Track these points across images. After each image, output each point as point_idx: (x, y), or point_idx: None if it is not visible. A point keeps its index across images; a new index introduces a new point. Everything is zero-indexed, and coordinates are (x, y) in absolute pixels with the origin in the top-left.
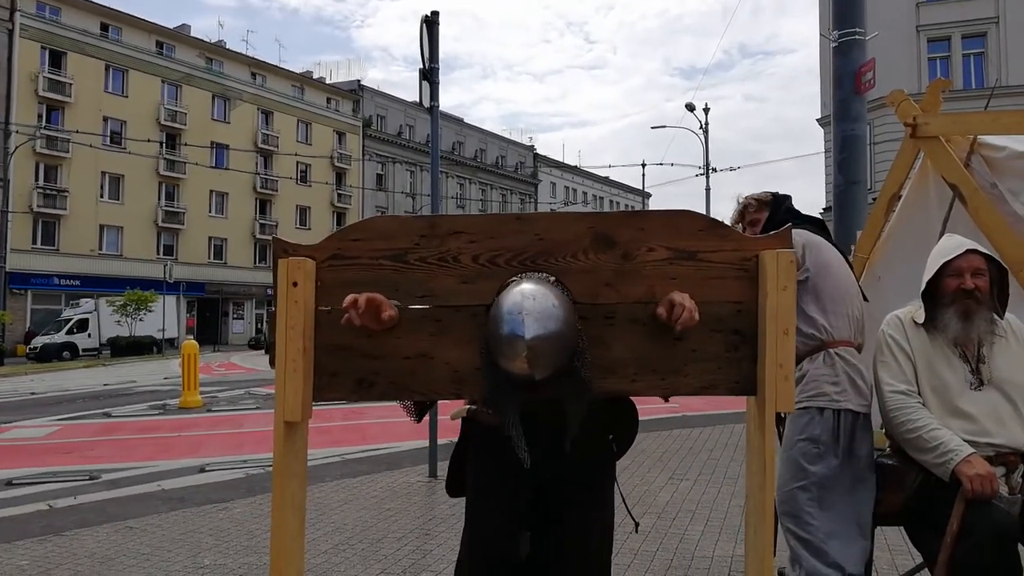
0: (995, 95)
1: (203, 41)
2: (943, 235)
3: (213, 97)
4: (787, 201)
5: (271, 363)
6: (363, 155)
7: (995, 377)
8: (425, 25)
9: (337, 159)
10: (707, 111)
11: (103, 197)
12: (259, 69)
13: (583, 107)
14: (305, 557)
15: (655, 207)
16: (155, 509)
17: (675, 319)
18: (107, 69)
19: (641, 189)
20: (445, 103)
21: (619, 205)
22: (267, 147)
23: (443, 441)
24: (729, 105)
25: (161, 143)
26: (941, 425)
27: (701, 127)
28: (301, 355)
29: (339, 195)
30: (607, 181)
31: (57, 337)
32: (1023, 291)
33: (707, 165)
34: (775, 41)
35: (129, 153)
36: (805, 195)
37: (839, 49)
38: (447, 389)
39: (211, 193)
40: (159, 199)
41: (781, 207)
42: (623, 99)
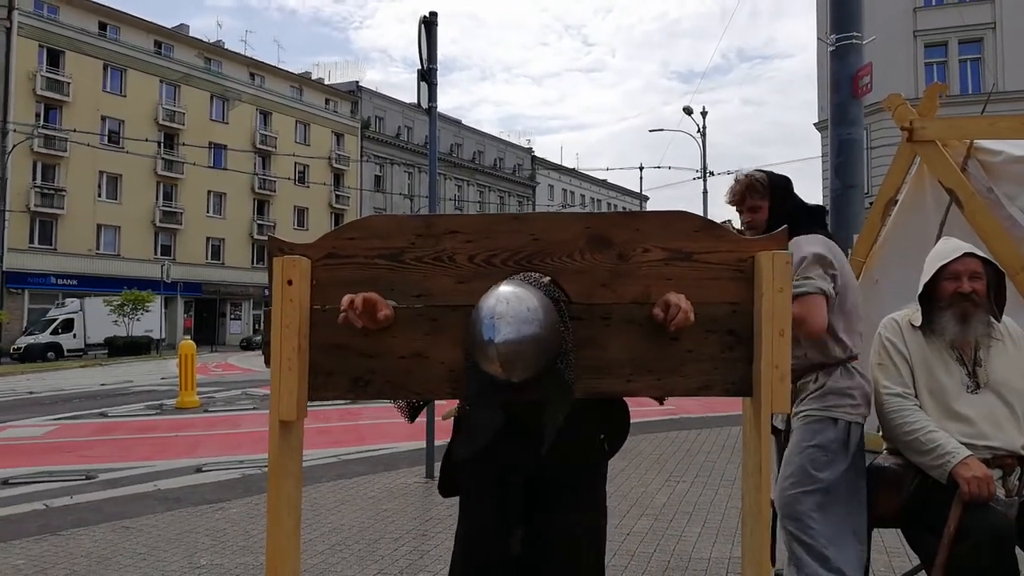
0: (991, 100)
1: (201, 41)
2: (939, 239)
3: (211, 97)
4: (790, 185)
5: (266, 362)
6: (361, 156)
7: (992, 380)
8: (423, 26)
9: (335, 160)
10: (705, 115)
11: (101, 197)
12: (257, 69)
13: (581, 110)
14: (302, 558)
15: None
16: (151, 509)
17: (670, 319)
18: (105, 68)
19: (639, 192)
20: (443, 105)
21: (617, 208)
22: (265, 148)
23: (440, 442)
24: (727, 109)
25: (159, 143)
26: (938, 428)
27: (699, 131)
28: (296, 354)
29: (337, 196)
30: (605, 184)
31: (42, 337)
32: (1020, 295)
33: (705, 169)
34: (773, 45)
35: (127, 153)
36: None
37: (836, 53)
38: (442, 389)
39: (209, 193)
40: (157, 199)
41: (788, 197)
42: (621, 102)
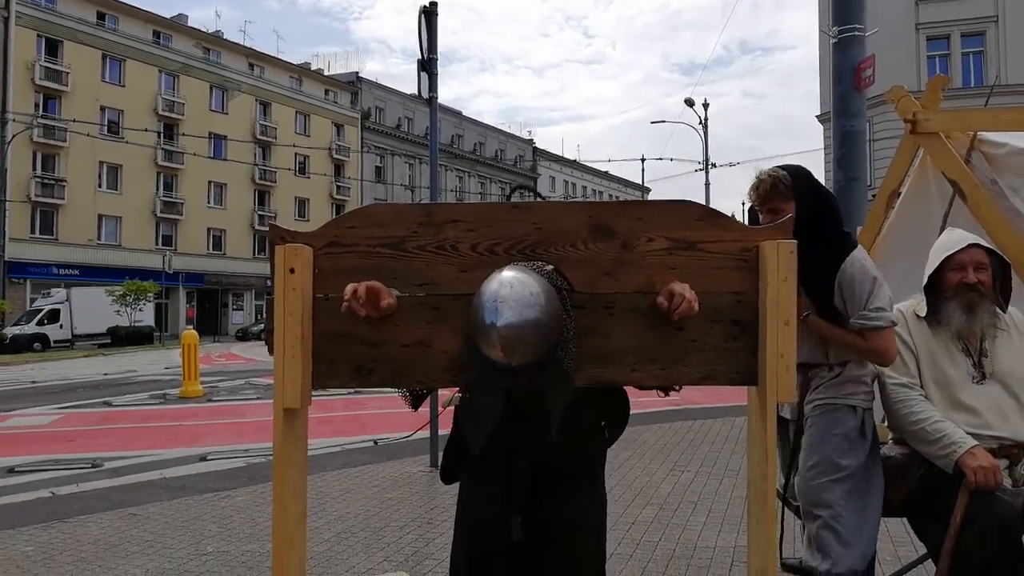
0: (994, 93)
1: (200, 31)
2: (943, 230)
3: (211, 87)
4: (812, 179)
5: (269, 350)
6: (362, 147)
7: (998, 371)
8: (424, 15)
9: (335, 151)
10: (706, 107)
11: (101, 187)
12: (257, 60)
13: (582, 101)
14: (307, 546)
15: None
16: (157, 497)
17: (674, 309)
18: (104, 58)
19: (641, 184)
20: (443, 96)
21: (619, 199)
22: (265, 138)
23: (444, 431)
24: (728, 101)
25: (159, 133)
26: (944, 418)
27: (700, 122)
28: (299, 342)
29: (338, 187)
30: (606, 175)
31: (28, 328)
32: None
33: (706, 160)
34: (774, 37)
35: (127, 143)
36: None
37: (839, 45)
38: (444, 377)
39: (209, 184)
40: (157, 189)
41: (815, 195)
42: (622, 94)
